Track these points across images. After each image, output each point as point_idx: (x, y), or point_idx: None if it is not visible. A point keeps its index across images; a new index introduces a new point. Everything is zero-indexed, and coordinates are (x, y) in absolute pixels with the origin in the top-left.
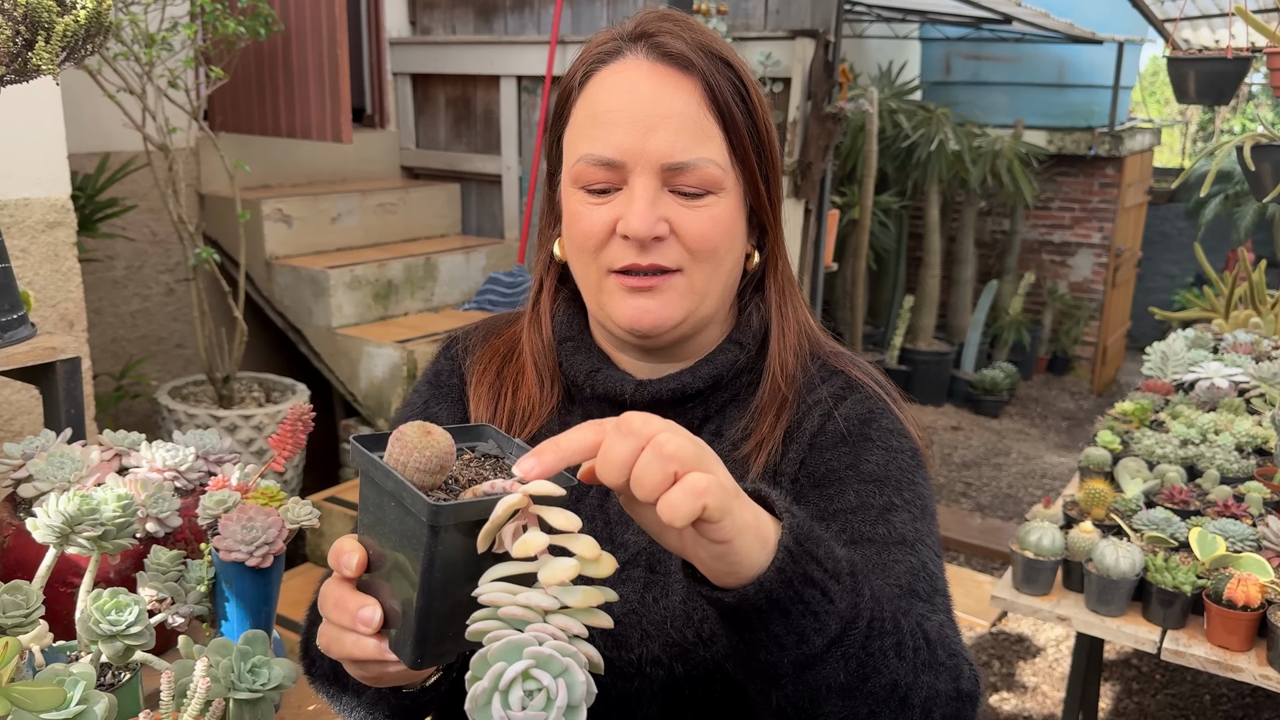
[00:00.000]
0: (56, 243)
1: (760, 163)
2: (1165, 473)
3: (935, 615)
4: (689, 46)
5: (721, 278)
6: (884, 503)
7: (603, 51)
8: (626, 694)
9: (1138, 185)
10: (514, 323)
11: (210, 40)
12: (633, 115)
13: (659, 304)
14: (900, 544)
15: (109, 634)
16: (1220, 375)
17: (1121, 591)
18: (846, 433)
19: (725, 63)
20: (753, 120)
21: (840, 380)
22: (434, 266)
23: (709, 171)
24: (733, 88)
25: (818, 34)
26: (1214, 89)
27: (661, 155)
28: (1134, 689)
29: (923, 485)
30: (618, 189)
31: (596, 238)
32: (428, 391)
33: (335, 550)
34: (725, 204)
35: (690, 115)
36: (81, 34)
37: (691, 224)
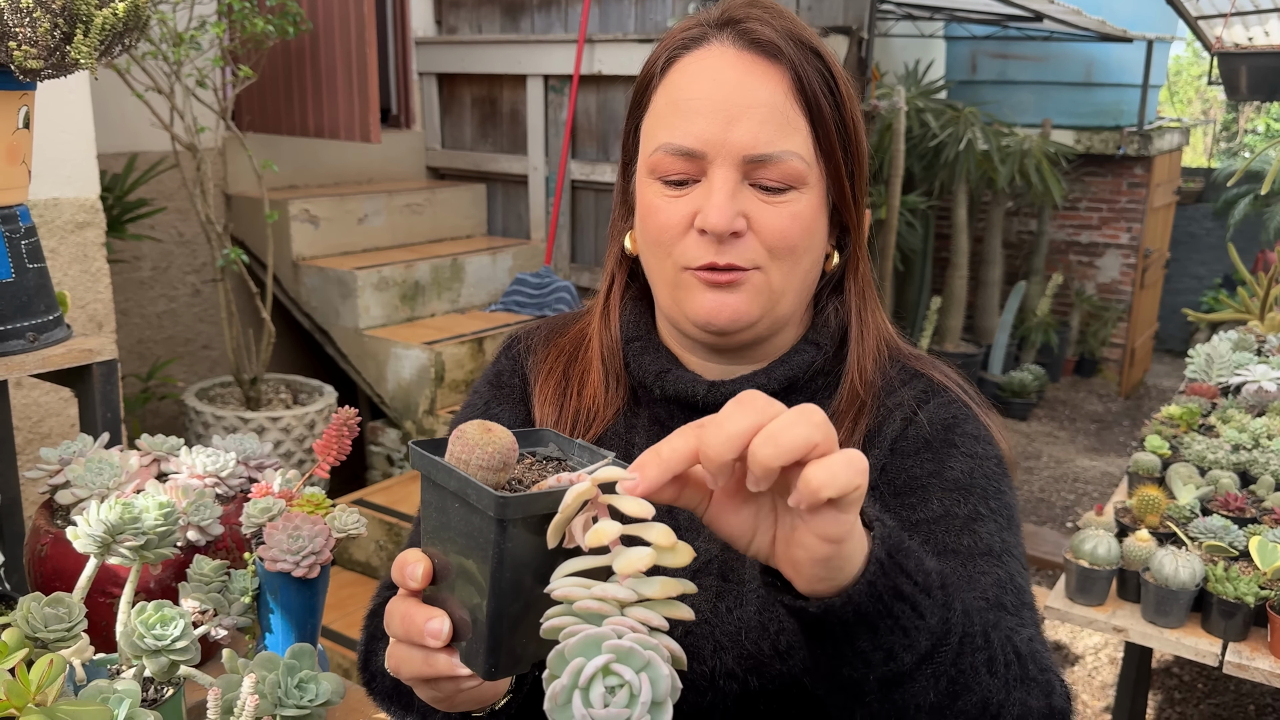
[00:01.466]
0: (85, 243)
1: (846, 159)
2: (1218, 479)
3: (1025, 629)
4: (778, 34)
5: (799, 277)
6: (969, 512)
7: (687, 37)
8: (699, 708)
9: (1166, 185)
10: (578, 321)
11: (238, 39)
12: (716, 104)
13: (736, 299)
14: (987, 555)
15: (154, 649)
16: (1269, 379)
17: (1180, 602)
18: (930, 438)
19: (815, 52)
20: (840, 114)
21: (922, 383)
22: (460, 267)
23: (792, 165)
24: (821, 79)
25: (851, 31)
26: (1267, 84)
27: (744, 147)
28: (1176, 698)
29: (1009, 494)
30: (696, 181)
31: (673, 231)
32: (488, 393)
33: (399, 563)
34: (807, 200)
35: (776, 105)
36: (120, 27)
37: (771, 220)
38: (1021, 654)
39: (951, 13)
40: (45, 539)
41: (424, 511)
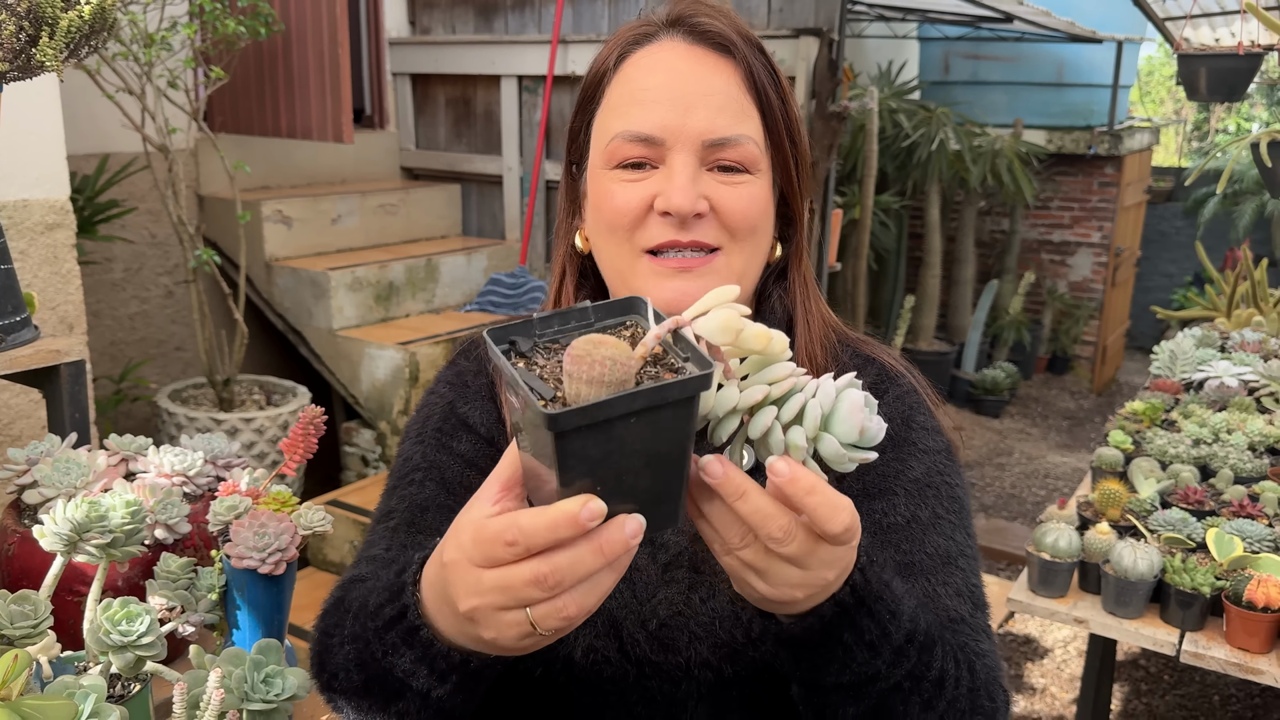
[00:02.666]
0: (56, 244)
1: (792, 150)
2: (1179, 473)
3: (983, 643)
4: (728, 27)
5: (757, 260)
6: (929, 515)
7: (637, 35)
8: (673, 697)
9: (1136, 184)
10: None
11: (210, 40)
12: (673, 93)
13: (698, 286)
14: (947, 563)
15: (120, 645)
16: (1230, 374)
17: (1139, 593)
18: (892, 435)
19: (759, 48)
20: (785, 107)
21: (875, 369)
22: (435, 268)
23: (749, 148)
24: (767, 72)
25: (821, 32)
26: (1225, 86)
27: (702, 132)
28: (1143, 690)
29: (959, 486)
30: (654, 167)
31: (632, 214)
32: (450, 393)
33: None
34: (761, 184)
35: (730, 94)
36: (86, 30)
37: (732, 200)
38: (978, 682)
39: (923, 14)
40: (12, 538)
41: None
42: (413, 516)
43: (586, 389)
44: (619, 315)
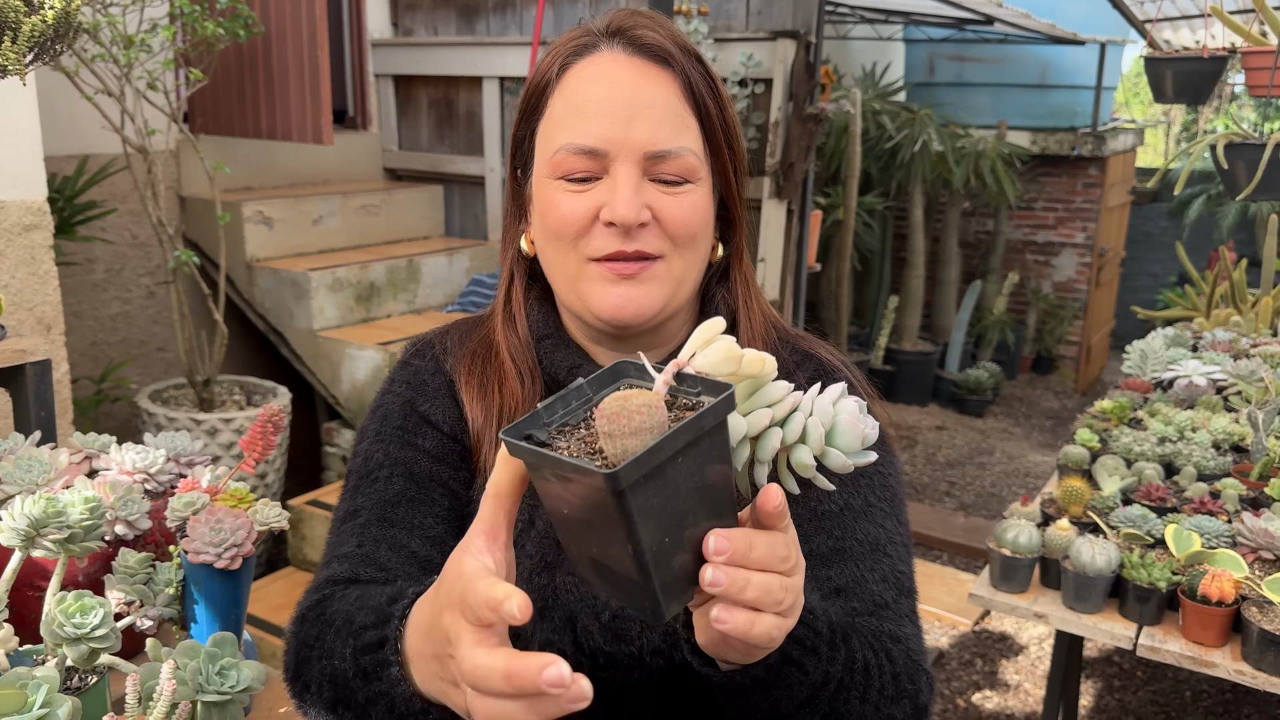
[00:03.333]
0: (33, 245)
1: (731, 156)
2: (1143, 470)
3: (904, 627)
4: (666, 40)
5: (697, 265)
6: (862, 504)
7: (578, 45)
8: (626, 685)
9: (1121, 185)
10: (483, 325)
11: (189, 42)
12: (615, 105)
13: (642, 292)
14: (875, 550)
15: (74, 637)
16: (1199, 373)
17: (1098, 588)
18: None
19: (697, 58)
20: (723, 115)
21: (813, 364)
22: (417, 268)
23: (689, 160)
24: (705, 83)
25: (799, 35)
26: (1191, 88)
27: (644, 144)
28: (1115, 686)
29: (892, 476)
30: (598, 178)
31: (577, 225)
32: (408, 392)
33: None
34: (701, 192)
35: (670, 106)
36: (50, 34)
37: (673, 210)
38: (898, 670)
39: (906, 16)
40: None
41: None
42: (383, 512)
43: (633, 441)
44: (612, 382)
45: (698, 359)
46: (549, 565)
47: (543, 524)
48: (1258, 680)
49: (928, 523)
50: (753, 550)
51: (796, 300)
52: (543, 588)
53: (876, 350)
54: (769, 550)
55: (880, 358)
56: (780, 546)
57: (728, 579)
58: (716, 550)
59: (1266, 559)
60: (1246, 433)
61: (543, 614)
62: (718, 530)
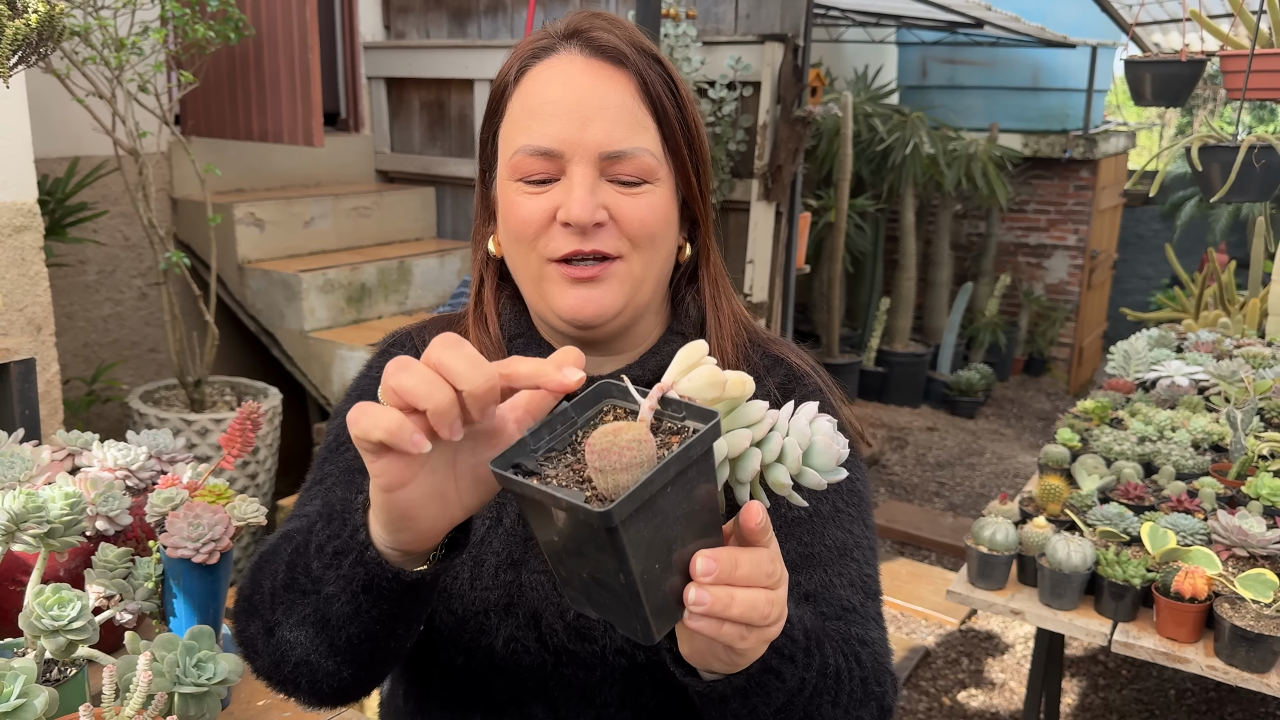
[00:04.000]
0: (23, 247)
1: (691, 155)
2: (1122, 469)
3: (871, 631)
4: (622, 41)
5: (658, 265)
6: (830, 509)
7: (536, 48)
8: (589, 682)
9: (1112, 188)
10: (458, 323)
11: (180, 45)
12: (569, 106)
13: (600, 292)
14: (843, 555)
15: (51, 629)
16: (1181, 374)
17: (1073, 585)
18: None
19: (655, 59)
20: (683, 115)
21: (782, 370)
22: (408, 270)
23: (645, 160)
24: (663, 82)
25: (787, 38)
26: (1169, 91)
27: (599, 144)
28: (1100, 684)
29: (859, 481)
30: (556, 179)
31: (535, 225)
32: (375, 391)
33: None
34: (660, 193)
35: (626, 106)
36: (34, 38)
37: (630, 210)
38: (866, 672)
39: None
40: None
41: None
42: (349, 478)
43: (624, 476)
44: (595, 404)
45: (681, 384)
46: (515, 563)
47: (510, 521)
48: (1229, 676)
49: (916, 522)
50: (738, 568)
51: (785, 301)
52: (509, 584)
53: (868, 352)
54: (754, 567)
55: (872, 359)
56: (765, 563)
57: (712, 598)
58: (704, 572)
59: (1240, 556)
60: (1226, 432)
61: (508, 610)
62: (704, 551)
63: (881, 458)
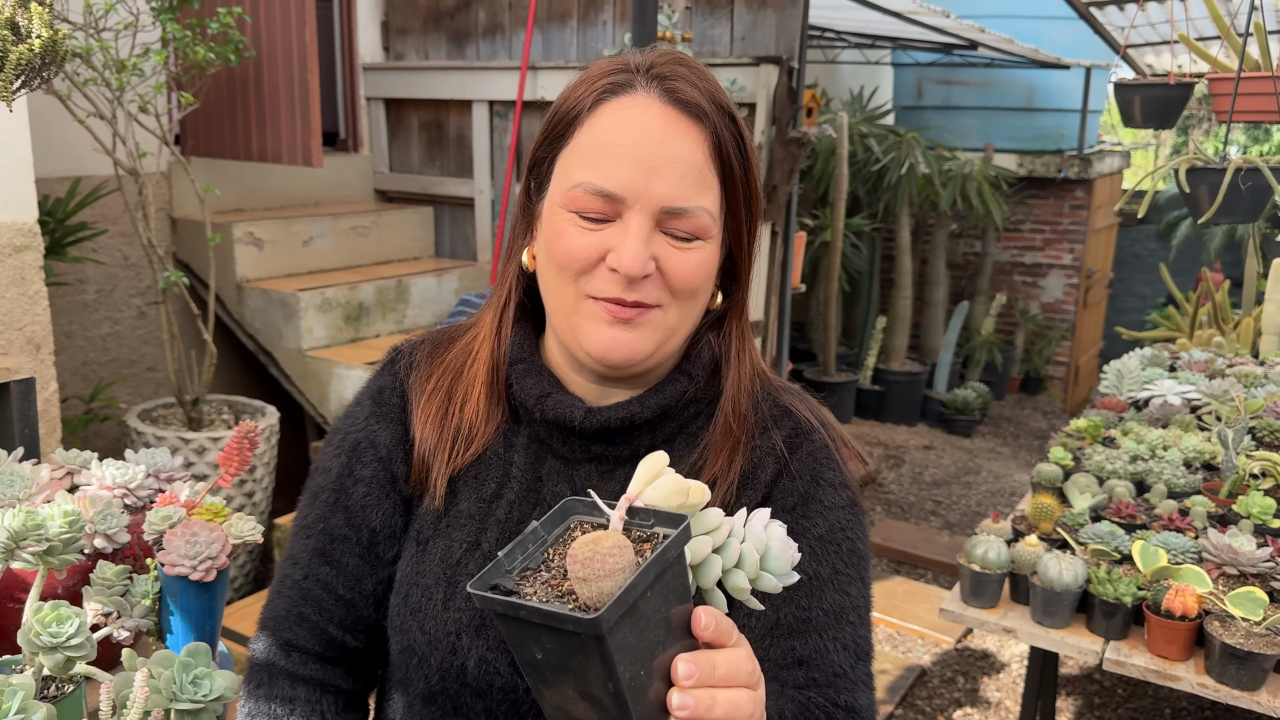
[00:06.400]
0: (23, 266)
1: (747, 215)
2: (1114, 488)
3: (859, 696)
4: (703, 95)
5: (693, 316)
6: (829, 572)
7: (614, 82)
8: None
9: (1108, 207)
10: (464, 335)
11: (181, 66)
12: (641, 154)
13: (634, 337)
14: (839, 619)
15: (50, 645)
16: (1173, 393)
17: (1065, 603)
18: (801, 495)
19: (731, 116)
20: (747, 175)
21: (790, 424)
22: (406, 289)
23: (703, 220)
24: (735, 141)
25: (781, 60)
26: (1158, 114)
27: (663, 198)
28: (1096, 703)
29: (859, 539)
30: (611, 220)
31: (583, 262)
32: (370, 407)
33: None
34: (709, 249)
35: (695, 164)
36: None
37: (679, 266)
38: None
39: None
40: None
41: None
42: (324, 545)
43: (608, 583)
44: (562, 521)
45: (646, 494)
46: None
47: (488, 546)
48: (1220, 694)
49: (912, 541)
50: (717, 669)
51: (781, 320)
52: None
53: (865, 370)
54: (732, 666)
55: (869, 378)
56: (743, 661)
57: (695, 700)
58: (686, 675)
59: (1230, 574)
60: (1217, 451)
61: (479, 631)
62: (684, 655)
63: (878, 476)
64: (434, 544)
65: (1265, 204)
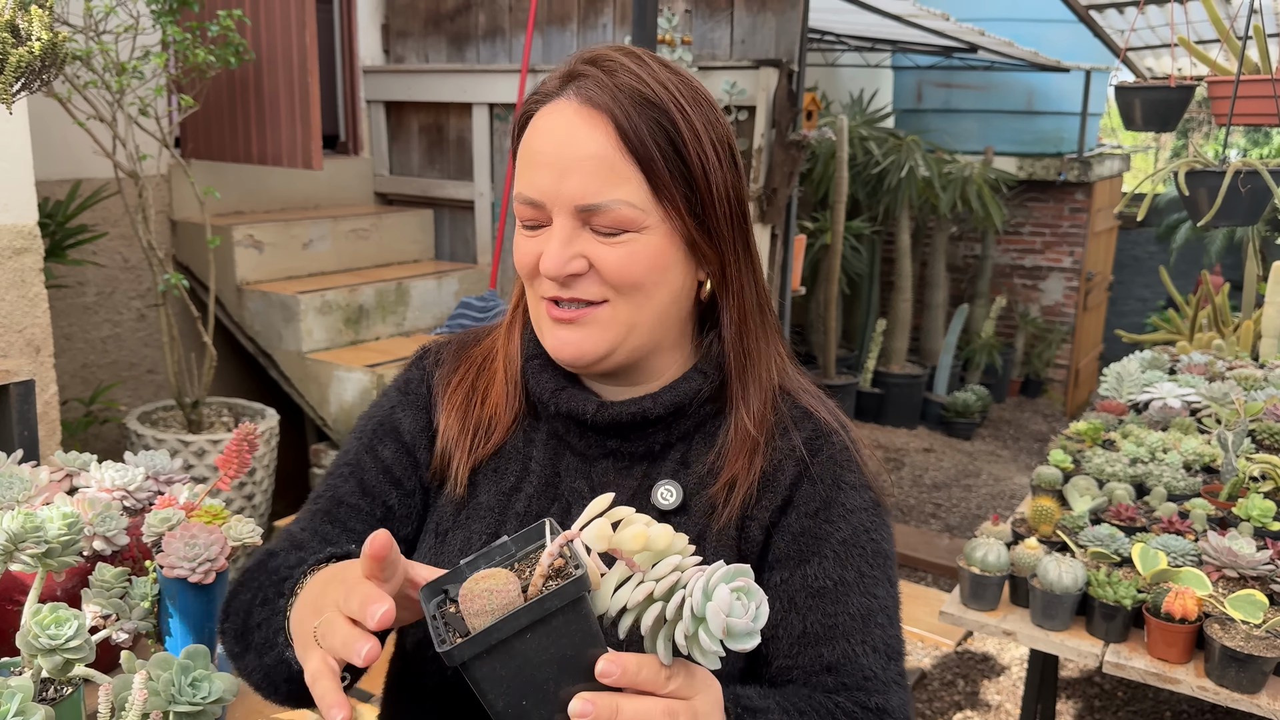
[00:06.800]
0: (23, 269)
1: (692, 199)
2: (1114, 490)
3: (891, 697)
4: (610, 89)
5: (652, 309)
6: (854, 575)
7: (541, 93)
8: None
9: (1107, 210)
10: (490, 333)
11: (181, 69)
12: (551, 159)
13: (578, 336)
14: (867, 621)
15: (48, 648)
16: (1173, 395)
17: (1065, 606)
18: (824, 499)
19: (648, 103)
20: (683, 159)
21: (810, 426)
22: (406, 291)
23: (621, 213)
24: (655, 128)
25: (781, 64)
26: (1159, 117)
27: (574, 198)
28: (1096, 706)
29: (884, 540)
30: (544, 226)
31: (528, 268)
32: (396, 397)
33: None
34: (646, 240)
35: (605, 158)
36: (37, 65)
37: (609, 260)
38: None
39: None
40: None
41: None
42: (331, 507)
43: (478, 620)
44: (535, 541)
45: (586, 533)
46: None
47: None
48: (1219, 696)
49: (912, 544)
50: (620, 713)
51: (781, 323)
52: None
53: (865, 373)
54: (639, 715)
55: (869, 380)
56: (657, 714)
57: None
58: (580, 712)
59: (1230, 577)
60: (1217, 454)
61: None
62: (582, 694)
63: None
64: (453, 535)
65: (1265, 207)
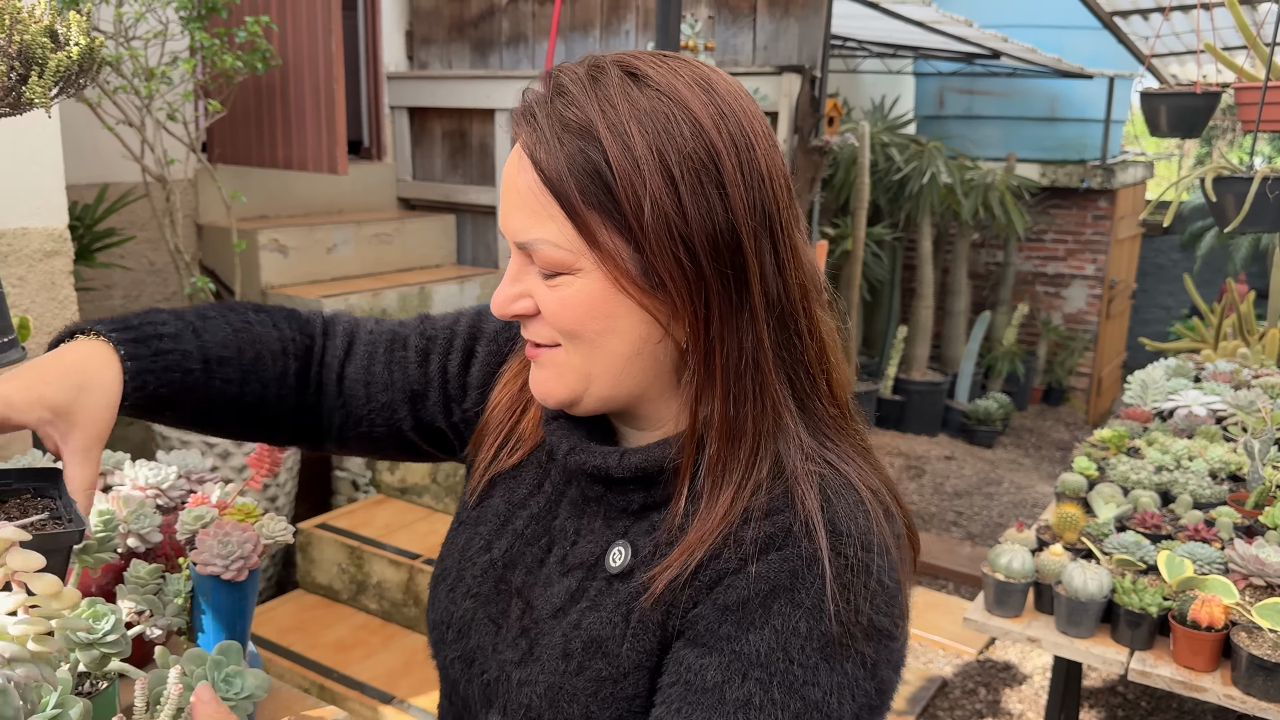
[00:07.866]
0: (53, 271)
1: (631, 245)
2: (1139, 498)
3: None
4: (548, 120)
5: (605, 360)
6: (743, 696)
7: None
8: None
9: (1131, 218)
10: None
11: (209, 74)
12: (504, 188)
13: (542, 376)
14: None
15: (86, 642)
16: (1199, 403)
17: (1090, 613)
18: (748, 598)
19: (586, 135)
20: (614, 200)
21: (782, 521)
22: (428, 296)
23: (547, 252)
24: (581, 165)
25: (804, 69)
26: (1184, 123)
27: (509, 233)
28: (1119, 716)
29: (817, 687)
30: None
31: None
32: (498, 324)
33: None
34: (581, 285)
35: (530, 193)
36: (75, 69)
37: (546, 303)
38: None
39: (915, 50)
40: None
41: None
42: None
43: None
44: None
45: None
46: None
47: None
48: (1246, 705)
49: (934, 552)
50: None
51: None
52: (466, 612)
53: (886, 380)
54: None
55: (889, 387)
56: None
57: None
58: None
59: (1257, 585)
60: (1243, 462)
61: (460, 633)
62: None
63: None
64: (461, 531)
65: None
